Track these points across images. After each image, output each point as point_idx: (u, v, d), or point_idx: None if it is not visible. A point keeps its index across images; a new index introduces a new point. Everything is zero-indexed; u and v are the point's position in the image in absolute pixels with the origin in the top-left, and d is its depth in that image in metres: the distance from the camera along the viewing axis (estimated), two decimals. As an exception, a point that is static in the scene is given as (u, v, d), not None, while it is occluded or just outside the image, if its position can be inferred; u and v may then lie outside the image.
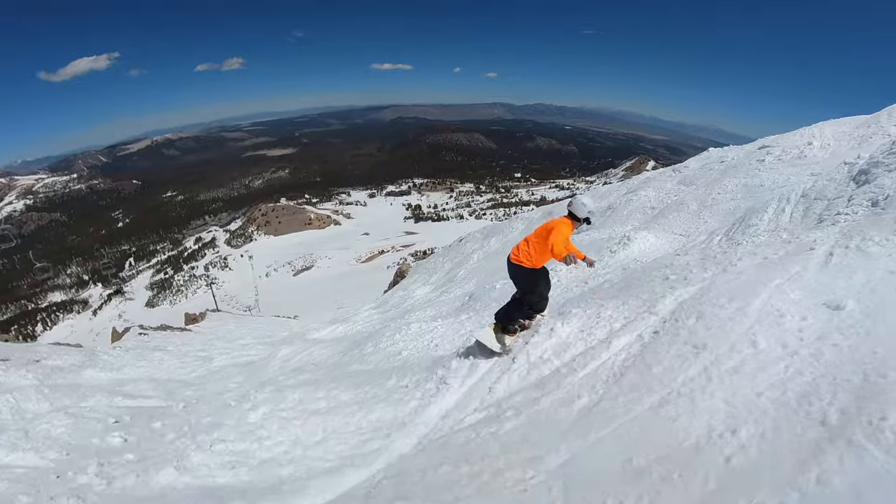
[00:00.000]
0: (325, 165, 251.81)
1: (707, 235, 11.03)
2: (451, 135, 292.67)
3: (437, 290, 19.27)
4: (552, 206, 26.23)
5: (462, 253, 25.66)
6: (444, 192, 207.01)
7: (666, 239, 12.03)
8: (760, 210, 10.18)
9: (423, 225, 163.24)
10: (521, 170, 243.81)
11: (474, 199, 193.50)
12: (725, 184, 14.78)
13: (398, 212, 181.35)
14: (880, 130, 13.96)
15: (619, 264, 11.00)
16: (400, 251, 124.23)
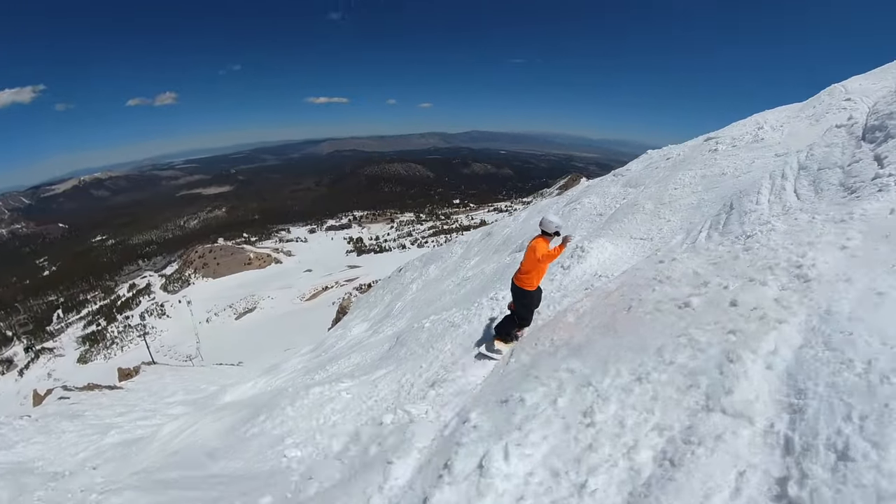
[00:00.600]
0: (263, 202, 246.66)
1: (685, 234, 9.26)
2: (388, 166, 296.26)
3: (372, 328, 17.82)
4: (490, 227, 25.23)
5: (401, 283, 24.53)
6: (384, 223, 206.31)
7: (627, 246, 10.11)
8: (750, 192, 8.47)
9: (365, 257, 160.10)
10: (459, 196, 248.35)
11: (415, 228, 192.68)
12: (680, 178, 13.13)
13: (340, 246, 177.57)
14: (832, 107, 13.61)
15: (577, 283, 8.82)
16: (344, 286, 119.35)
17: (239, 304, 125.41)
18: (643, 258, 8.38)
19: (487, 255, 20.11)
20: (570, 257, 9.80)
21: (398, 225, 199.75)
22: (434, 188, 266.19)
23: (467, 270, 18.22)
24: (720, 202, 9.90)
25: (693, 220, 10.15)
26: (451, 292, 15.18)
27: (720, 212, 8.61)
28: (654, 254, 8.04)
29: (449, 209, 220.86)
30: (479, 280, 14.28)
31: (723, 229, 7.48)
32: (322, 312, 75.04)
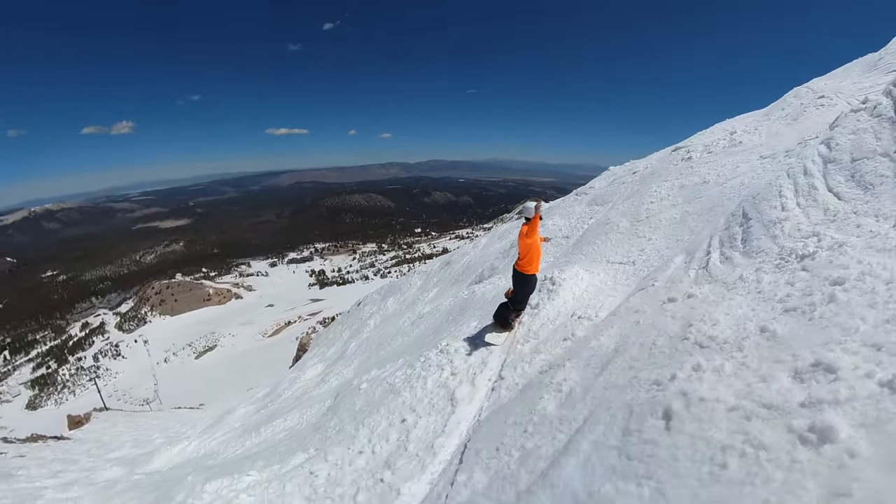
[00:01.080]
0: (223, 236, 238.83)
1: (684, 255, 6.77)
2: (349, 197, 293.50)
3: (325, 372, 16.48)
4: (450, 256, 24.38)
5: (360, 318, 23.54)
6: (346, 254, 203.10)
7: (606, 273, 8.34)
8: (767, 197, 6.41)
9: (328, 290, 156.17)
10: (420, 225, 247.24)
11: (378, 259, 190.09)
12: (655, 191, 11.53)
13: (302, 279, 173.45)
14: (807, 105, 12.91)
15: (551, 328, 6.92)
16: (307, 320, 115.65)
17: (199, 343, 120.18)
18: (635, 290, 6.67)
19: (446, 286, 19.22)
20: (538, 292, 7.98)
21: (360, 256, 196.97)
22: (395, 218, 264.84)
23: (425, 304, 17.24)
24: (712, 213, 8.64)
25: (681, 236, 8.63)
26: (405, 332, 13.92)
27: (729, 224, 6.54)
28: (649, 284, 6.23)
29: (411, 238, 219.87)
30: (434, 319, 12.76)
31: (745, 247, 5.66)
32: (285, 349, 72.64)
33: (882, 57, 13.13)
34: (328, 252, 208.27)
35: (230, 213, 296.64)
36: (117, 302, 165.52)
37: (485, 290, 11.46)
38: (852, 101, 10.98)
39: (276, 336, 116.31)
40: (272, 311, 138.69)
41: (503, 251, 17.24)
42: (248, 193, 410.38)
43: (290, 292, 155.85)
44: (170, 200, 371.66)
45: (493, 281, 12.56)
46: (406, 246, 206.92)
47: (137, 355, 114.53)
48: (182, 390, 76.91)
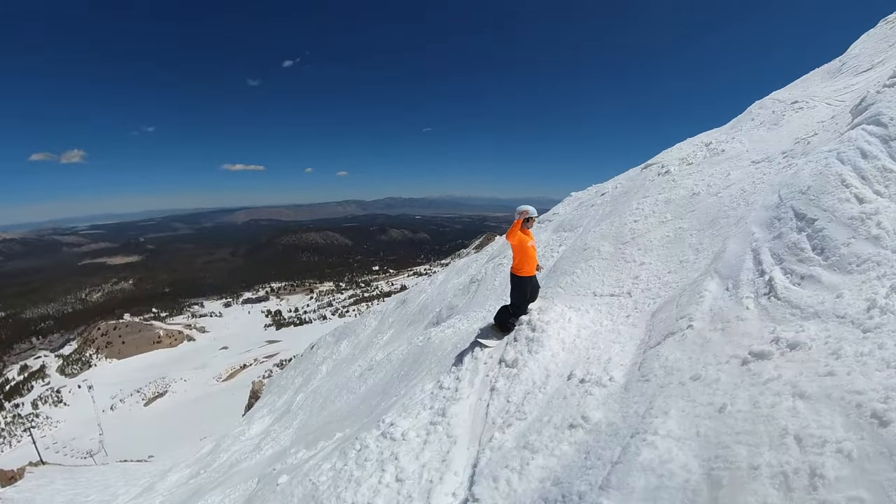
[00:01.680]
0: (174, 274, 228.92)
1: (717, 278, 5.03)
2: (305, 235, 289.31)
3: (267, 431, 14.32)
4: (406, 294, 23.27)
5: (313, 362, 22.10)
6: (303, 294, 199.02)
7: (597, 309, 6.42)
8: (825, 189, 4.85)
9: (285, 331, 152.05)
10: (378, 262, 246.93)
11: (336, 298, 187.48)
12: (636, 209, 9.89)
13: (257, 320, 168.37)
14: (784, 110, 11.70)
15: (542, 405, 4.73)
16: (264, 363, 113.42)
17: (148, 388, 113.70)
18: (655, 333, 4.86)
19: (402, 327, 17.81)
20: (514, 342, 5.98)
21: (318, 295, 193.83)
22: (353, 256, 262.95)
23: (377, 350, 15.67)
24: (716, 225, 7.14)
25: (684, 256, 6.90)
26: (351, 389, 12.11)
27: (779, 231, 4.88)
28: (679, 324, 4.52)
29: (369, 276, 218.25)
30: (384, 372, 10.90)
31: (826, 257, 3.97)
32: (241, 395, 69.24)
33: (844, 62, 12.82)
34: (284, 291, 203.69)
35: (183, 251, 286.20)
36: (60, 343, 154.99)
37: (443, 337, 9.59)
38: (832, 101, 10.36)
39: (231, 380, 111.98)
40: (227, 354, 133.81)
41: (462, 287, 15.76)
42: (202, 230, 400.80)
43: (246, 334, 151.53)
44: (119, 235, 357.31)
45: (452, 323, 10.59)
46: (364, 284, 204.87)
47: (81, 402, 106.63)
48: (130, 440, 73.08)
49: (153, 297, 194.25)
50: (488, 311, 10.04)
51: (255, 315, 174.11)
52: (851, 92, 9.93)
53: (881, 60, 10.69)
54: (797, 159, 7.43)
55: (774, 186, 6.22)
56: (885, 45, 11.51)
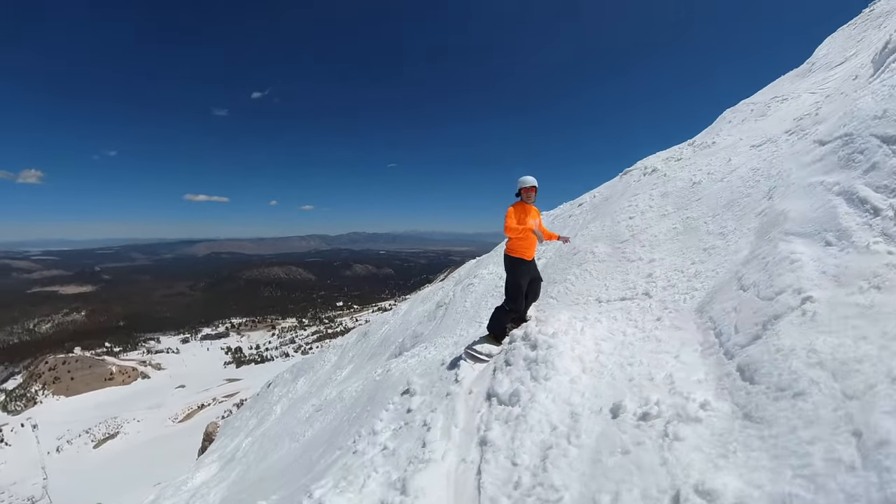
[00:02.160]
0: (130, 307, 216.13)
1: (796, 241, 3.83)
2: (268, 269, 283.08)
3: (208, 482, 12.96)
4: (367, 326, 22.41)
5: (269, 402, 20.79)
6: (265, 330, 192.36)
7: (611, 317, 5.07)
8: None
9: (246, 369, 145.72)
10: (342, 298, 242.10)
11: (298, 334, 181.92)
12: (629, 206, 9.01)
13: (217, 357, 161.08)
14: (765, 108, 11.14)
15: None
16: (223, 402, 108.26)
17: (98, 429, 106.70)
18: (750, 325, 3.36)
19: (362, 361, 16.67)
20: (506, 366, 4.42)
21: (280, 332, 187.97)
22: (316, 291, 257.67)
23: (333, 387, 14.26)
24: (735, 207, 6.19)
25: (708, 243, 5.77)
26: (296, 435, 10.60)
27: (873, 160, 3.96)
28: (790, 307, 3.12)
29: (333, 312, 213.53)
30: (334, 412, 9.48)
31: None
32: (198, 437, 66.36)
33: (814, 62, 12.60)
34: (245, 328, 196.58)
35: (140, 282, 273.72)
36: (3, 377, 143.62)
37: (405, 368, 7.85)
38: (815, 91, 9.90)
39: (188, 421, 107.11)
40: (183, 393, 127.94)
41: (428, 314, 14.64)
42: (161, 262, 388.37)
43: (204, 372, 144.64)
44: (74, 263, 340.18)
45: (416, 352, 9.12)
46: (328, 320, 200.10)
47: (24, 442, 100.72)
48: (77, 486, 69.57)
49: (106, 331, 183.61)
50: (460, 336, 8.53)
51: (215, 352, 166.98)
52: (832, 81, 9.59)
53: (854, 53, 10.41)
54: (810, 130, 6.81)
55: (821, 134, 5.49)
56: (852, 42, 11.42)
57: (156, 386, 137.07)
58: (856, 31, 11.97)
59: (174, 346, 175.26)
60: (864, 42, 10.61)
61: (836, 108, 6.86)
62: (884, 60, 6.11)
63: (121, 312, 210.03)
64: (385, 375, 8.33)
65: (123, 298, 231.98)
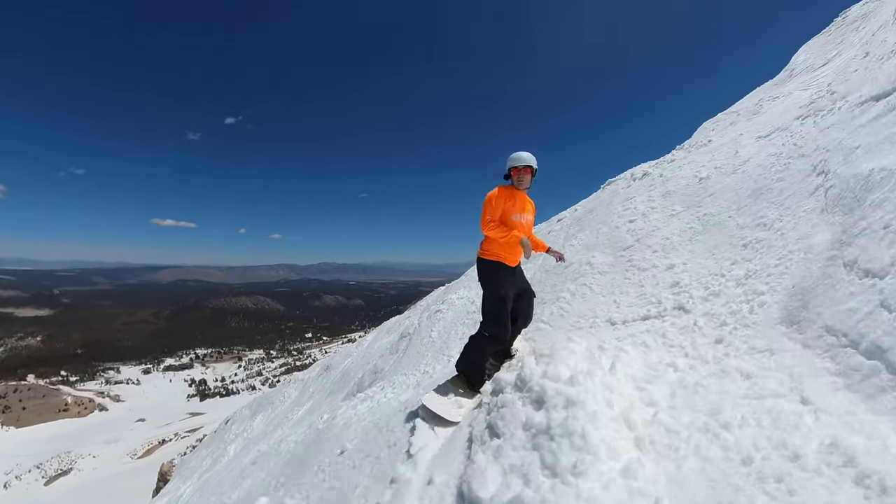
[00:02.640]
0: (90, 333, 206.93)
1: None
2: (236, 298, 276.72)
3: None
4: (330, 359, 21.27)
5: (224, 440, 18.70)
6: (231, 361, 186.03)
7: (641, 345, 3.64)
8: None
9: (210, 402, 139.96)
10: (311, 329, 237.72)
11: (266, 367, 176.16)
12: (625, 211, 7.93)
13: (180, 389, 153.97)
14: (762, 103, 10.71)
15: None
16: (185, 437, 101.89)
17: (50, 464, 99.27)
18: None
19: (321, 398, 15.04)
20: (486, 442, 2.72)
21: (247, 364, 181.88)
22: (285, 322, 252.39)
23: (287, 429, 11.81)
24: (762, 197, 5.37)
25: (744, 238, 4.77)
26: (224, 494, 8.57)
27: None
28: None
29: (301, 344, 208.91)
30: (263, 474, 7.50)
31: None
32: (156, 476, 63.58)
33: (793, 69, 12.42)
34: (211, 359, 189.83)
35: (101, 308, 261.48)
36: None
37: (351, 417, 6.12)
38: (807, 87, 9.42)
39: (147, 458, 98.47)
40: (144, 428, 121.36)
41: (390, 346, 13.19)
42: (124, 287, 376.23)
43: (166, 405, 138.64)
44: (32, 284, 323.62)
45: (370, 394, 7.59)
46: (296, 352, 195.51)
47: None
48: (26, 526, 65.56)
49: (63, 358, 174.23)
50: (423, 374, 7.10)
51: (178, 384, 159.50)
52: (821, 79, 9.15)
53: (837, 53, 10.33)
54: (832, 106, 6.20)
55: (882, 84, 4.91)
56: (831, 45, 11.45)
57: (114, 419, 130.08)
58: (832, 37, 11.83)
59: (135, 376, 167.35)
60: (846, 43, 10.60)
61: (862, 76, 6.39)
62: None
63: (79, 339, 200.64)
64: (328, 426, 6.75)
65: (83, 324, 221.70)
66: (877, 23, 8.91)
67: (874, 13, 10.40)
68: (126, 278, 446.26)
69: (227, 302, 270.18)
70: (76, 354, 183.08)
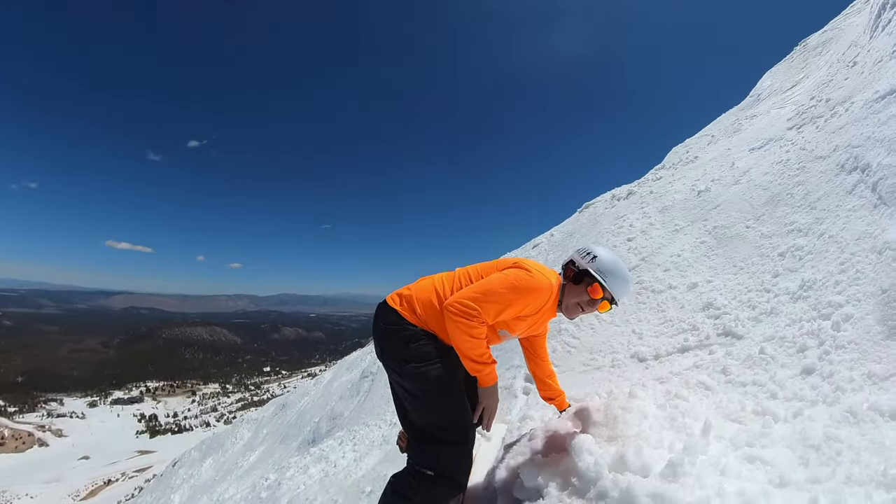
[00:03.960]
0: (32, 360, 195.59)
1: None
2: (191, 329, 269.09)
3: None
4: (286, 397, 20.61)
5: (170, 486, 18.13)
6: (184, 396, 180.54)
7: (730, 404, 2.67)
8: None
9: (161, 440, 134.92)
10: (269, 363, 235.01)
11: (221, 402, 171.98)
12: (618, 231, 7.50)
13: (128, 425, 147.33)
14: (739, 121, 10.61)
15: None
16: (133, 478, 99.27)
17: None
18: None
19: (274, 443, 14.41)
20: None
21: (201, 398, 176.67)
22: (242, 355, 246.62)
23: (231, 483, 11.32)
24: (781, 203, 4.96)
25: (776, 247, 4.26)
26: None
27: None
28: None
29: (259, 378, 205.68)
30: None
31: None
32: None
33: (760, 93, 12.43)
34: (162, 392, 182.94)
35: (46, 333, 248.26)
36: None
37: (296, 487, 5.35)
38: (783, 105, 9.27)
39: (91, 500, 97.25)
40: (88, 466, 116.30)
41: (351, 386, 12.27)
42: (72, 312, 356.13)
43: (113, 441, 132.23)
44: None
45: (324, 452, 6.64)
46: (253, 387, 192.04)
47: None
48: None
49: (1, 386, 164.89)
50: (390, 425, 6.14)
51: (126, 419, 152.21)
52: (797, 97, 9.12)
53: (804, 76, 10.48)
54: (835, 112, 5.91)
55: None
56: (795, 70, 11.68)
57: (55, 456, 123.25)
58: (795, 63, 12.17)
59: (79, 409, 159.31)
60: (811, 66, 10.81)
61: (854, 83, 6.27)
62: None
63: (20, 366, 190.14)
64: (272, 494, 5.98)
65: (25, 350, 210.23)
66: (844, 44, 8.99)
67: (835, 39, 10.74)
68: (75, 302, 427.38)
69: (182, 332, 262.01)
70: (16, 383, 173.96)
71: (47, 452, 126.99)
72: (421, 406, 2.22)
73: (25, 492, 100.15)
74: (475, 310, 2.10)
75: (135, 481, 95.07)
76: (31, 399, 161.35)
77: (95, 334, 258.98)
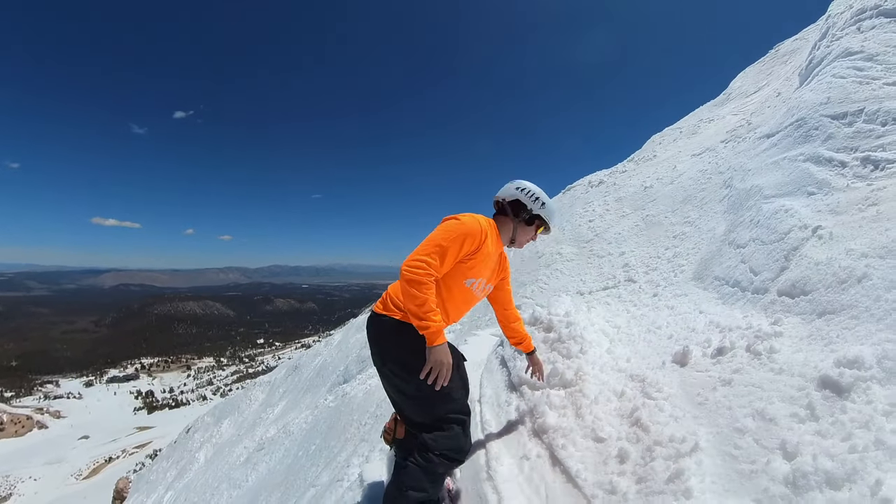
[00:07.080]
0: (25, 344, 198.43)
1: (778, 200, 4.01)
2: (183, 303, 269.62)
3: None
4: (297, 360, 21.56)
5: (189, 449, 19.18)
6: (180, 371, 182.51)
7: (604, 306, 5.33)
8: (847, 93, 4.69)
9: (159, 415, 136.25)
10: (263, 335, 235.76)
11: (216, 375, 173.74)
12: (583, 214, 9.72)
13: (126, 402, 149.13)
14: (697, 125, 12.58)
15: None
16: (134, 454, 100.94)
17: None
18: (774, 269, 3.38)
19: (297, 396, 15.65)
20: (512, 357, 3.89)
21: (196, 372, 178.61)
22: (235, 328, 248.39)
23: (268, 426, 13.09)
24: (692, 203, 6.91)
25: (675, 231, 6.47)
26: (235, 481, 9.63)
27: (829, 132, 4.55)
28: (802, 240, 3.48)
29: (253, 350, 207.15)
30: (282, 452, 8.55)
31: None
32: (106, 495, 59.38)
33: (730, 93, 13.91)
34: (157, 369, 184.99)
35: (37, 316, 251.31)
36: None
37: (365, 390, 7.47)
38: (737, 113, 11.16)
39: (94, 478, 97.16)
40: (88, 445, 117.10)
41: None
42: (62, 293, 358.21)
43: (111, 419, 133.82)
44: None
45: (363, 377, 8.86)
46: (248, 359, 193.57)
47: None
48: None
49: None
50: None
51: (123, 396, 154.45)
52: (751, 105, 11.05)
53: (766, 83, 12.10)
54: (747, 135, 7.91)
55: (768, 130, 6.15)
56: (762, 75, 13.11)
57: (55, 437, 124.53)
58: (765, 67, 13.61)
59: (76, 390, 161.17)
60: (773, 75, 12.35)
61: (770, 113, 8.09)
62: (810, 72, 6.93)
63: (13, 350, 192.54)
64: (342, 400, 7.98)
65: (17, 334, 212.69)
66: (799, 61, 10.39)
67: (800, 50, 11.93)
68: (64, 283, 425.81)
69: (174, 307, 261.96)
70: (10, 367, 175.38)
71: (47, 434, 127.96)
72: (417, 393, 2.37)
73: (29, 475, 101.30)
74: (423, 261, 2.24)
75: (136, 457, 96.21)
76: (27, 383, 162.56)
77: (87, 314, 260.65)
